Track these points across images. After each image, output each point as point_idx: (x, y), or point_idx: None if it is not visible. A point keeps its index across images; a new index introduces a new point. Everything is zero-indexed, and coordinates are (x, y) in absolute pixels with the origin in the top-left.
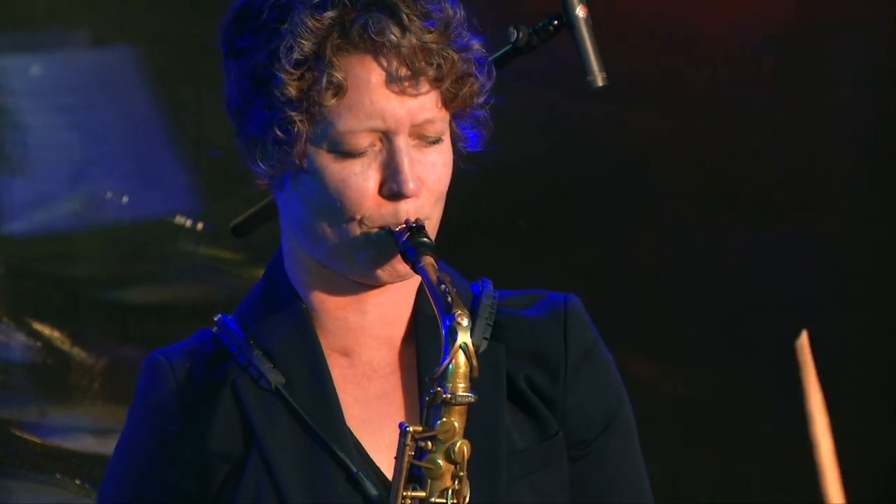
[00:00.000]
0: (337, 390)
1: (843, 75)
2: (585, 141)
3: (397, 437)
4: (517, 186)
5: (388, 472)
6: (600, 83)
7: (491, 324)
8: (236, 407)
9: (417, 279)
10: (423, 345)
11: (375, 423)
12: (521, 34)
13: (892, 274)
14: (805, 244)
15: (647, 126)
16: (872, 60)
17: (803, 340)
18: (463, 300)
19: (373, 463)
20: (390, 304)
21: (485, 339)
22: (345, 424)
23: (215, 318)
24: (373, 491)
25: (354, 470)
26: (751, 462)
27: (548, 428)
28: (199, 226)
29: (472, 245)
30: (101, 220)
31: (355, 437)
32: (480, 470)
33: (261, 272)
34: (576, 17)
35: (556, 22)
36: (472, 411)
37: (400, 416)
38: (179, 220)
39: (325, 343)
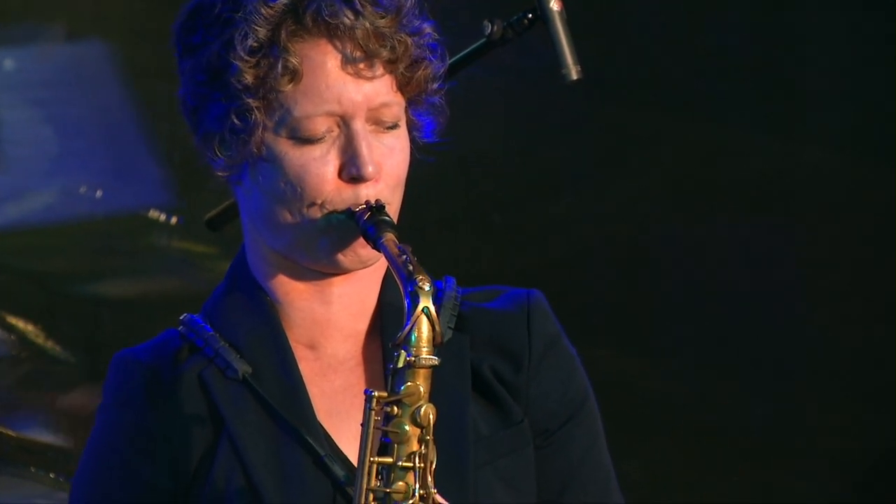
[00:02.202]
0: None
1: (819, 67)
2: (561, 135)
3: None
4: (492, 181)
5: (356, 461)
6: (574, 76)
7: (455, 314)
8: (204, 399)
9: (382, 270)
10: (388, 336)
11: (342, 414)
12: (495, 27)
13: (869, 265)
14: (783, 237)
15: (624, 120)
16: (849, 53)
17: None
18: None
19: (340, 451)
20: (355, 295)
21: (449, 328)
22: (311, 409)
23: (181, 318)
24: (340, 472)
25: (322, 453)
26: (729, 454)
27: (512, 416)
28: (173, 220)
29: (448, 240)
30: (74, 213)
31: (323, 426)
32: (447, 457)
33: None
34: (550, 10)
35: (530, 15)
36: (438, 401)
37: None
38: (153, 214)
39: (291, 336)
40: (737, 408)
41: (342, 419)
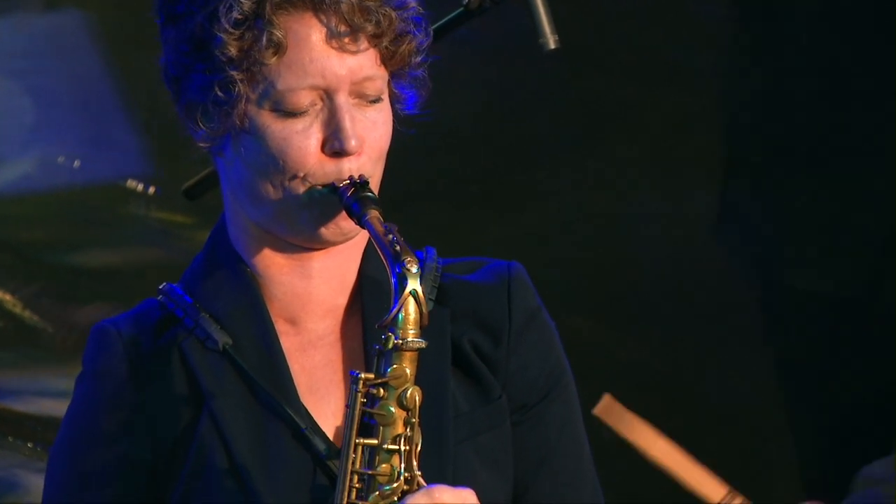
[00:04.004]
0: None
1: (799, 39)
2: (539, 106)
3: (342, 405)
4: (469, 152)
5: (334, 437)
6: (552, 46)
7: (436, 286)
8: (184, 371)
9: (362, 243)
10: (368, 311)
11: (321, 391)
12: None
13: (847, 237)
14: (760, 208)
15: (602, 90)
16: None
17: (605, 405)
18: None
19: (319, 429)
20: (335, 269)
21: (430, 300)
22: (292, 382)
23: (160, 287)
24: (321, 446)
25: (303, 426)
26: (705, 427)
27: (491, 391)
28: (151, 189)
29: (425, 212)
30: (52, 183)
31: (302, 403)
32: (427, 432)
33: None
34: None
35: None
36: (418, 376)
37: (345, 385)
38: (131, 183)
39: (271, 310)
40: (714, 379)
41: (321, 396)
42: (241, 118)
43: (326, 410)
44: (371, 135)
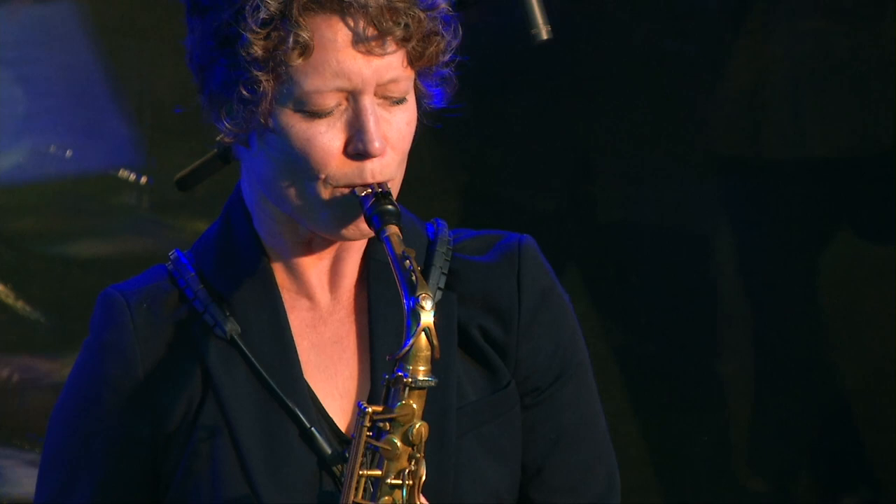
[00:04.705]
0: (295, 336)
1: (785, 31)
2: (529, 93)
3: (349, 384)
4: (458, 139)
5: (341, 422)
6: (545, 36)
7: (445, 272)
8: (194, 353)
9: None
10: (374, 289)
11: (330, 370)
12: None
13: (837, 222)
14: (751, 194)
15: (592, 76)
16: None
17: None
18: (418, 248)
19: (326, 414)
20: (347, 248)
21: (439, 288)
22: (301, 377)
23: (171, 255)
24: (326, 448)
25: (308, 425)
26: (696, 412)
27: (500, 378)
28: (143, 179)
29: (414, 199)
30: (44, 173)
31: (310, 387)
32: (430, 421)
33: (204, 225)
34: None
35: None
36: None
37: (353, 363)
38: (123, 173)
39: (284, 286)
40: (705, 364)
41: (329, 375)
42: (266, 117)
43: (333, 391)
44: (395, 135)
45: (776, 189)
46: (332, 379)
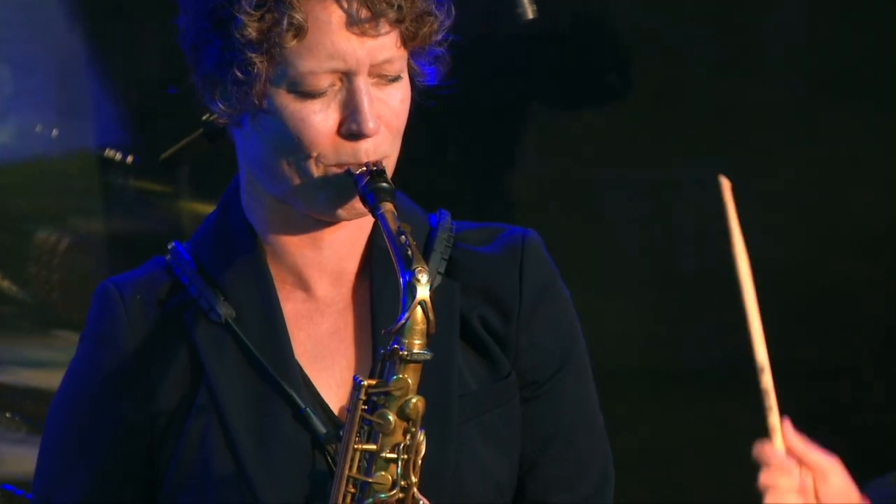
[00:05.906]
0: (290, 326)
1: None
2: (515, 76)
3: (347, 374)
4: (446, 119)
5: (337, 409)
6: (531, 15)
7: (446, 258)
8: (186, 341)
9: None
10: (377, 280)
11: (327, 360)
12: None
13: (825, 203)
14: (742, 175)
15: (578, 59)
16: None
17: (725, 186)
18: (419, 233)
19: (322, 400)
20: (346, 239)
21: (439, 273)
22: (294, 359)
23: (169, 246)
24: (320, 428)
25: (302, 406)
26: (688, 392)
27: (500, 369)
28: (129, 158)
29: (402, 180)
30: (30, 153)
31: (305, 374)
32: (431, 410)
33: (191, 205)
34: None
35: None
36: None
37: (351, 354)
38: (109, 152)
39: (279, 277)
40: (692, 344)
41: (326, 365)
42: (260, 98)
43: (330, 381)
44: (389, 113)
45: (763, 163)
46: (329, 369)
